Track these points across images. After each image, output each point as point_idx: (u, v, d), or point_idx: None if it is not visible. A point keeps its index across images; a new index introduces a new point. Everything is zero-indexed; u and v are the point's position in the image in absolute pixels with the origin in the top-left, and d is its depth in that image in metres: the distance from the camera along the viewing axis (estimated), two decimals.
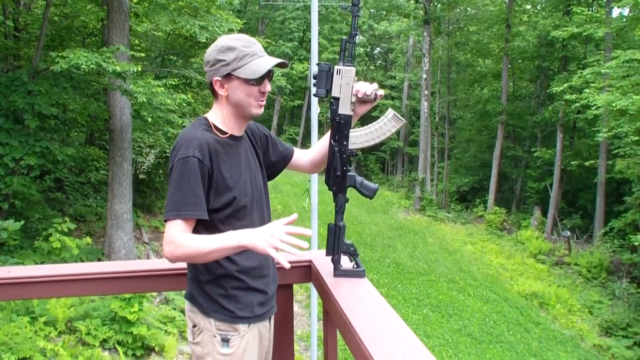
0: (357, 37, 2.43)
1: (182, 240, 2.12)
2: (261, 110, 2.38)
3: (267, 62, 2.32)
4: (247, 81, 2.29)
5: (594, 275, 18.73)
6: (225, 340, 2.29)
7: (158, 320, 9.46)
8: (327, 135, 2.64)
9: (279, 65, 2.34)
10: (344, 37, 2.42)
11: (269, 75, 2.32)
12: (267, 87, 2.35)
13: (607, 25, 20.06)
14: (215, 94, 2.34)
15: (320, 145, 2.71)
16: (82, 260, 10.51)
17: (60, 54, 9.64)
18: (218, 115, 2.35)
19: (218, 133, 2.30)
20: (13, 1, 11.68)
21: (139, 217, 14.20)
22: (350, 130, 2.46)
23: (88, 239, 10.94)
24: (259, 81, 2.30)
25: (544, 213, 25.74)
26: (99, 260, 11.41)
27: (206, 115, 2.38)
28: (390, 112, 2.53)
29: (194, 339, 2.36)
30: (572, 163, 23.90)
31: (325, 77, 2.41)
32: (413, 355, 1.83)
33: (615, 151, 20.24)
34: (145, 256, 12.74)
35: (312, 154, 2.73)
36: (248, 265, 2.35)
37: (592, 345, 13.55)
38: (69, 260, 9.81)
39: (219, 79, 2.29)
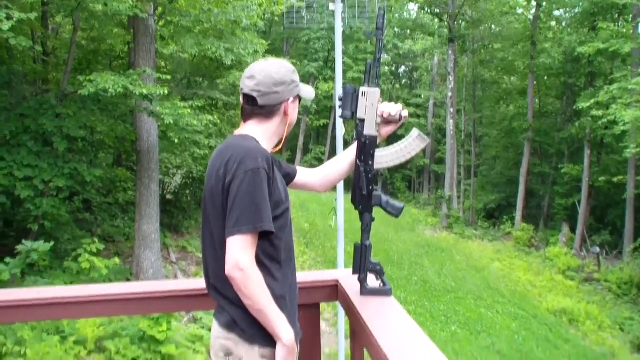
0: (381, 59, 2.46)
1: (254, 277, 2.11)
2: None
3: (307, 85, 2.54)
4: (299, 102, 2.49)
5: (624, 291, 18.52)
6: None
7: (186, 339, 9.49)
8: (343, 154, 2.70)
9: None
10: (369, 56, 2.47)
11: None
12: None
13: (633, 40, 19.95)
14: (272, 114, 2.37)
15: (335, 164, 2.73)
16: (110, 280, 10.60)
17: (88, 78, 9.76)
18: (265, 134, 2.37)
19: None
20: (42, 26, 11.86)
21: (167, 237, 14.28)
22: (376, 150, 2.48)
23: (116, 259, 11.01)
24: None
25: (573, 229, 25.50)
26: (128, 280, 11.50)
27: (245, 133, 2.36)
28: (415, 132, 2.55)
29: None
30: (600, 179, 23.68)
31: (351, 99, 2.45)
32: None
33: None
34: (173, 276, 12.81)
35: (323, 173, 2.73)
36: (290, 291, 2.35)
37: None
38: (98, 280, 9.89)
39: (292, 98, 2.39)
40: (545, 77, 31.26)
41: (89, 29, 12.98)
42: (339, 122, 5.58)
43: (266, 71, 2.33)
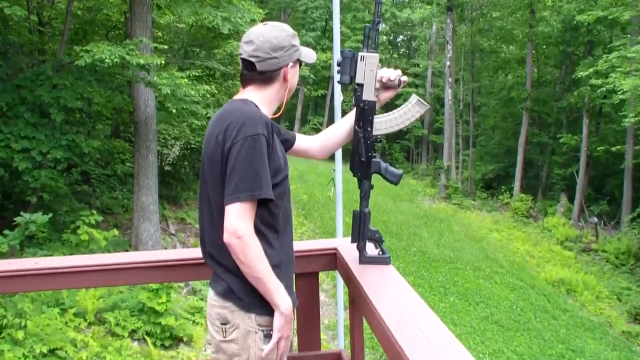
0: (380, 24, 2.43)
1: (252, 244, 2.09)
2: None
3: (308, 48, 2.48)
4: (300, 66, 2.45)
5: (622, 261, 18.55)
6: (268, 337, 2.23)
7: (186, 311, 9.53)
8: (342, 120, 2.67)
9: None
10: (367, 25, 2.42)
11: None
12: None
13: (633, 8, 19.79)
14: (271, 80, 2.33)
15: (334, 129, 2.71)
16: (109, 252, 10.60)
17: (84, 48, 9.70)
18: (264, 100, 2.33)
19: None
20: None
21: (165, 209, 14.28)
22: (375, 116, 2.46)
23: (115, 231, 11.00)
24: None
25: (571, 199, 25.50)
26: (126, 251, 11.49)
27: (246, 97, 2.32)
28: (414, 98, 2.53)
29: (225, 337, 2.26)
30: (598, 149, 23.62)
31: (349, 63, 2.42)
32: (439, 341, 1.83)
33: None
34: (172, 247, 12.82)
35: (322, 138, 2.71)
36: (286, 259, 2.33)
37: (620, 332, 13.43)
38: (97, 252, 9.90)
39: (291, 63, 2.34)
40: (544, 46, 31.07)
41: None
42: (337, 91, 5.54)
43: (264, 36, 2.29)
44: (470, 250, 17.74)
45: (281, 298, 2.18)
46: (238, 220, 2.06)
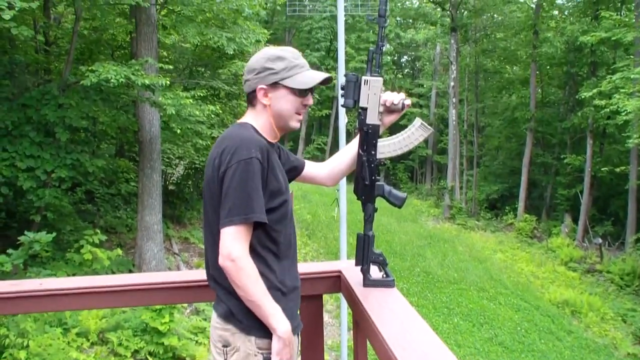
0: (383, 47, 2.44)
1: (247, 268, 2.10)
2: (298, 125, 2.41)
3: (316, 74, 2.38)
4: (294, 91, 2.33)
5: (626, 282, 18.48)
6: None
7: (189, 331, 9.51)
8: (348, 146, 2.69)
9: (324, 81, 2.37)
10: (371, 46, 2.44)
11: (312, 89, 2.37)
12: (310, 100, 2.40)
13: (636, 29, 19.83)
14: (253, 102, 2.35)
15: (341, 156, 2.72)
16: (113, 272, 10.61)
17: (89, 68, 9.74)
18: (258, 123, 2.34)
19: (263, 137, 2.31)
20: (44, 15, 11.83)
21: (169, 228, 14.28)
22: (378, 139, 2.47)
23: (119, 251, 11.01)
24: (303, 93, 2.34)
25: (575, 220, 25.45)
26: (130, 271, 11.50)
27: (245, 121, 2.36)
28: (417, 121, 2.54)
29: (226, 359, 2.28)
30: (602, 169, 23.54)
31: (353, 87, 2.43)
32: None
33: None
34: (176, 267, 12.81)
35: (330, 165, 2.72)
36: (291, 284, 2.33)
37: (626, 354, 13.36)
38: (100, 272, 9.91)
39: (264, 87, 2.30)
40: (548, 67, 31.14)
41: (90, 18, 12.93)
42: (342, 112, 5.57)
43: (254, 57, 2.35)
44: (474, 270, 17.68)
45: (278, 321, 2.17)
46: (232, 243, 2.09)
